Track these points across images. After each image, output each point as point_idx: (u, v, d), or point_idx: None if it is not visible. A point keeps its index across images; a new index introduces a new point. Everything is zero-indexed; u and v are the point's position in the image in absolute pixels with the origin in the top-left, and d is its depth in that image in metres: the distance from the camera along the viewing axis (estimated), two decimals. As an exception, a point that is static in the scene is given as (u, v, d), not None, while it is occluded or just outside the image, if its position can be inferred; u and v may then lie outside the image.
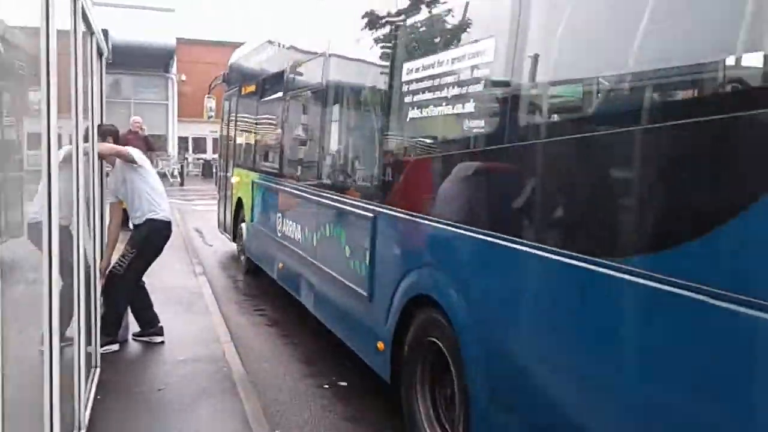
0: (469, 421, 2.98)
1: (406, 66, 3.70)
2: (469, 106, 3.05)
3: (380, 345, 3.87)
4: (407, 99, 3.64)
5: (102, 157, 4.57)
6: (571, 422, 2.42)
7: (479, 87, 2.99)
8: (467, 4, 3.22)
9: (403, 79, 3.70)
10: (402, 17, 3.86)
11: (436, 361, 3.41)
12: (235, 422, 3.79)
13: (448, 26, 3.43)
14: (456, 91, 3.16)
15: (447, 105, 3.24)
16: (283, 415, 4.11)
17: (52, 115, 2.05)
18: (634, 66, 2.24)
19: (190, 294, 6.80)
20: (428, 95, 3.41)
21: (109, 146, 4.76)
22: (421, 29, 3.75)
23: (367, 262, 4.00)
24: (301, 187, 5.71)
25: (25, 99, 2.75)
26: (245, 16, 23.04)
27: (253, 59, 8.23)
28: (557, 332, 2.49)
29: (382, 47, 4.16)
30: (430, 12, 3.59)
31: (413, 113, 3.59)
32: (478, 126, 3.03)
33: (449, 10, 3.38)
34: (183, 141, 28.08)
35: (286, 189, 6.21)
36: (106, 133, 4.81)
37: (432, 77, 3.40)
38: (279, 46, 7.05)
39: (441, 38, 3.50)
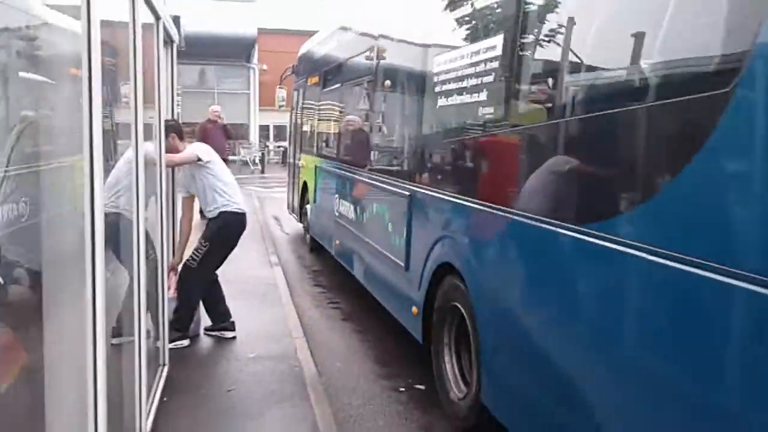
0: (480, 373, 3.41)
1: (447, 56, 3.93)
2: (482, 95, 3.43)
3: (414, 310, 4.34)
4: (437, 89, 4.02)
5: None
6: (557, 371, 2.69)
7: (491, 78, 3.32)
8: None
9: (441, 70, 3.98)
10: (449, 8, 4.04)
11: (460, 324, 3.82)
12: (304, 430, 3.59)
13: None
14: (467, 83, 3.57)
15: (465, 94, 3.63)
16: (355, 422, 3.88)
17: (95, 107, 1.86)
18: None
19: (264, 285, 6.71)
20: (458, 85, 3.73)
21: (170, 157, 4.40)
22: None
23: (405, 235, 4.49)
24: (353, 171, 6.24)
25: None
26: (325, 6, 23.02)
27: (317, 51, 8.72)
28: (550, 295, 2.78)
29: (434, 35, 4.29)
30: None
31: (441, 101, 3.99)
32: (486, 113, 3.40)
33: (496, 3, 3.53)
34: (264, 129, 28.57)
35: (341, 172, 6.75)
36: (169, 130, 4.47)
37: (459, 70, 3.70)
38: (336, 39, 7.61)
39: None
